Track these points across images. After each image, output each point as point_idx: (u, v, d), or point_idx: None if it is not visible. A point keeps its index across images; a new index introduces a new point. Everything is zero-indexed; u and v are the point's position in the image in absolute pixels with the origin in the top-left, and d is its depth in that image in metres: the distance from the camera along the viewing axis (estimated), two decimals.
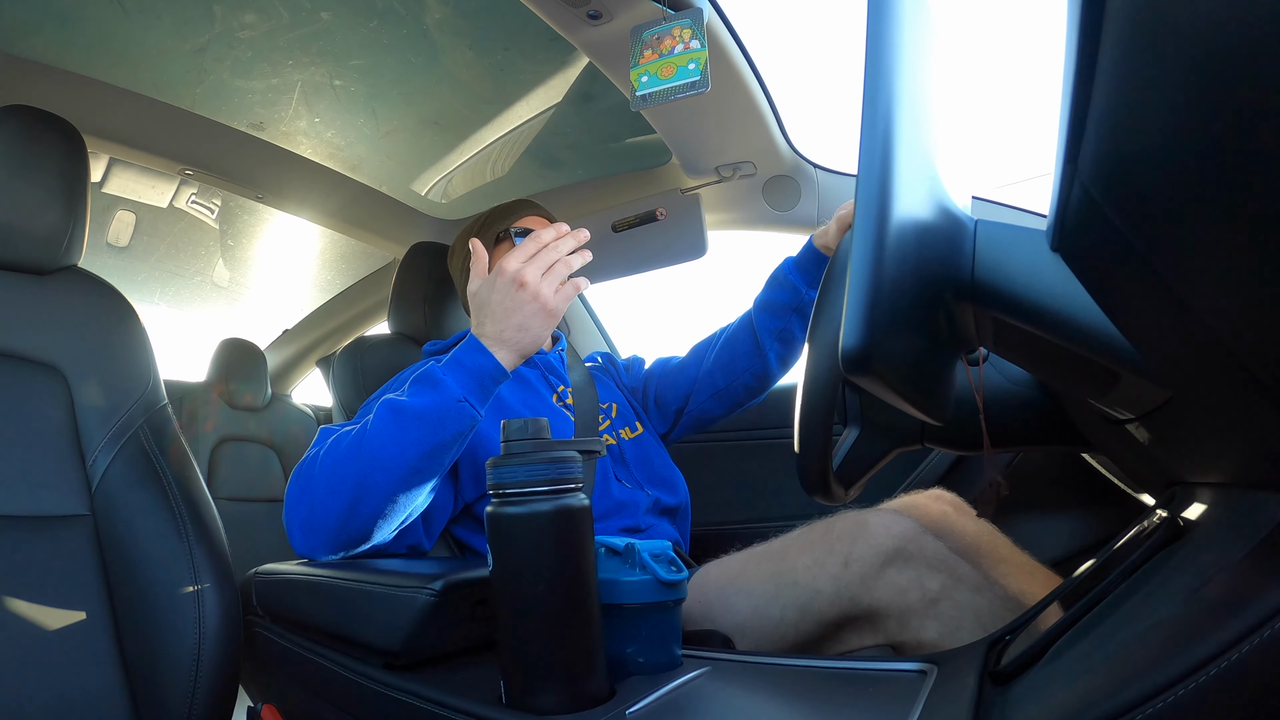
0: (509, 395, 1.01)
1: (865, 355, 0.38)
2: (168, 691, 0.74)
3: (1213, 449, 0.42)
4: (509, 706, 0.52)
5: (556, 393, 1.07)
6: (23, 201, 0.83)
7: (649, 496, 1.01)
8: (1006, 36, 28.80)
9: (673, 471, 1.11)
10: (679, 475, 1.11)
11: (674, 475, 1.10)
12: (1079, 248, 0.34)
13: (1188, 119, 0.22)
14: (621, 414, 1.12)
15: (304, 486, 0.77)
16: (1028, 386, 0.78)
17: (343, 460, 0.74)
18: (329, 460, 0.75)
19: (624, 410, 1.14)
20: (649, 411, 1.22)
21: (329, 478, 0.75)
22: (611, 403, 1.13)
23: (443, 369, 0.78)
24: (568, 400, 1.06)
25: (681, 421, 1.20)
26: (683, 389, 1.17)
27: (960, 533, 0.73)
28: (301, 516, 0.76)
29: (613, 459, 1.03)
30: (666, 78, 0.92)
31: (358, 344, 1.27)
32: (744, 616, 0.76)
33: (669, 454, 1.15)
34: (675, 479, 1.10)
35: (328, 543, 0.75)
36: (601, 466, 0.99)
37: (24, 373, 0.82)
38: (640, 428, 1.12)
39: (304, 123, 1.33)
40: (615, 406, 1.13)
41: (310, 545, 0.76)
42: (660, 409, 1.21)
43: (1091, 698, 0.32)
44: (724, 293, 1.88)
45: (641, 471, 1.06)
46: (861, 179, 0.39)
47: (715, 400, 1.15)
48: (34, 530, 0.76)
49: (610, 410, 1.11)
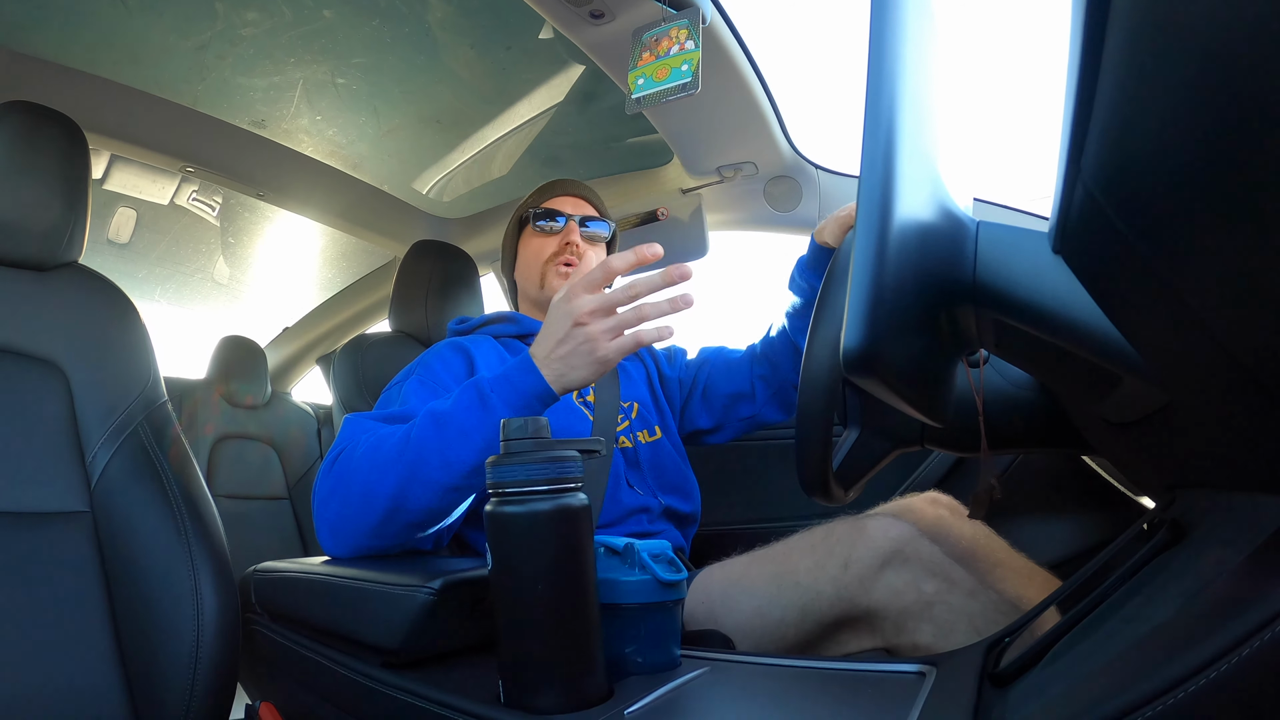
0: None
1: (866, 356, 0.38)
2: (166, 689, 0.74)
3: (1213, 452, 0.42)
4: (507, 706, 0.52)
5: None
6: (24, 198, 0.83)
7: (660, 503, 0.99)
8: (1007, 37, 28.60)
9: (686, 478, 1.07)
10: (693, 481, 1.08)
11: (688, 482, 1.07)
12: (1081, 250, 0.33)
13: (1191, 122, 0.22)
14: (642, 415, 1.08)
15: (335, 487, 0.74)
16: (1028, 389, 0.78)
17: (381, 469, 0.72)
18: (366, 465, 0.73)
19: (645, 411, 1.09)
20: (691, 403, 1.16)
21: (365, 485, 0.72)
22: (633, 402, 1.08)
23: (492, 385, 0.73)
24: (588, 398, 1.04)
25: (732, 421, 1.14)
26: (740, 384, 1.12)
27: (956, 537, 0.73)
28: (331, 518, 0.74)
29: (626, 462, 1.00)
30: (661, 79, 0.93)
31: (358, 342, 1.27)
32: (747, 617, 0.76)
33: (688, 459, 1.11)
34: (689, 486, 1.06)
35: (356, 547, 0.74)
36: (614, 470, 0.96)
37: (24, 369, 0.82)
38: (659, 432, 1.07)
39: (305, 120, 1.33)
40: (636, 406, 1.08)
41: (337, 547, 0.75)
42: (707, 402, 1.15)
43: (1091, 700, 0.32)
44: (723, 292, 1.88)
45: (655, 477, 1.02)
46: (863, 180, 0.39)
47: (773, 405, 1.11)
48: (33, 527, 0.76)
49: (630, 410, 1.07)
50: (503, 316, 1.10)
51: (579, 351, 0.71)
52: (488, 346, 1.01)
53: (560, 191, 1.13)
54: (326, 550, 0.77)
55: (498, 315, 1.10)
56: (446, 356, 0.97)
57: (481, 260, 1.72)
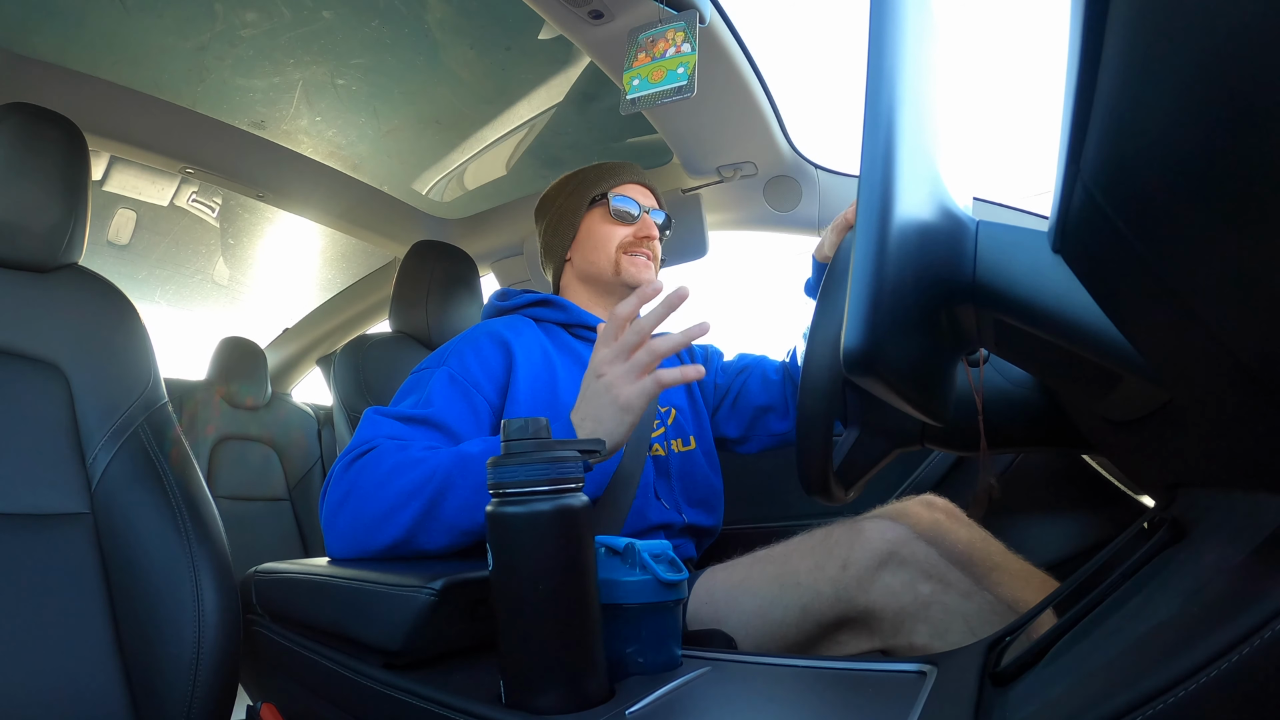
0: (565, 390, 0.93)
1: (867, 355, 0.38)
2: (167, 690, 0.74)
3: (1213, 451, 0.42)
4: (508, 706, 0.52)
5: None
6: (23, 199, 0.83)
7: (683, 520, 0.97)
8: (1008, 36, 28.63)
9: (714, 490, 1.04)
10: (719, 494, 1.05)
11: (714, 494, 1.04)
12: (1081, 249, 0.33)
13: (1190, 120, 0.22)
14: (679, 422, 1.04)
15: (347, 495, 0.74)
16: (1028, 388, 0.78)
17: (400, 499, 0.71)
18: (385, 490, 0.72)
19: (682, 418, 1.05)
20: (721, 410, 1.13)
21: (380, 510, 0.72)
22: (671, 408, 1.04)
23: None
24: None
25: (760, 435, 1.11)
26: (774, 398, 1.09)
27: (952, 539, 0.73)
28: (342, 527, 0.74)
29: (657, 471, 0.97)
30: (656, 81, 0.92)
31: (358, 343, 1.27)
32: (749, 617, 0.77)
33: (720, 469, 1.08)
34: (715, 499, 1.04)
35: (361, 558, 0.75)
36: (644, 480, 0.93)
37: (24, 371, 0.82)
38: (694, 442, 1.04)
39: (305, 121, 1.33)
40: (674, 413, 1.04)
41: (342, 553, 0.76)
42: (736, 411, 1.12)
43: (1092, 699, 0.32)
44: (724, 293, 1.88)
45: (683, 489, 0.99)
46: (863, 180, 0.39)
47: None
48: (34, 528, 0.76)
49: (668, 417, 1.03)
50: (550, 301, 1.04)
51: (602, 404, 0.72)
52: (530, 335, 0.97)
53: (635, 178, 1.10)
54: (329, 552, 0.77)
55: (546, 298, 1.05)
56: (484, 349, 0.92)
57: (481, 260, 1.72)
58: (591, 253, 1.06)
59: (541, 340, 0.97)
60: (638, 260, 1.05)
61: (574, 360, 0.99)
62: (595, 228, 1.07)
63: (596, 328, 1.01)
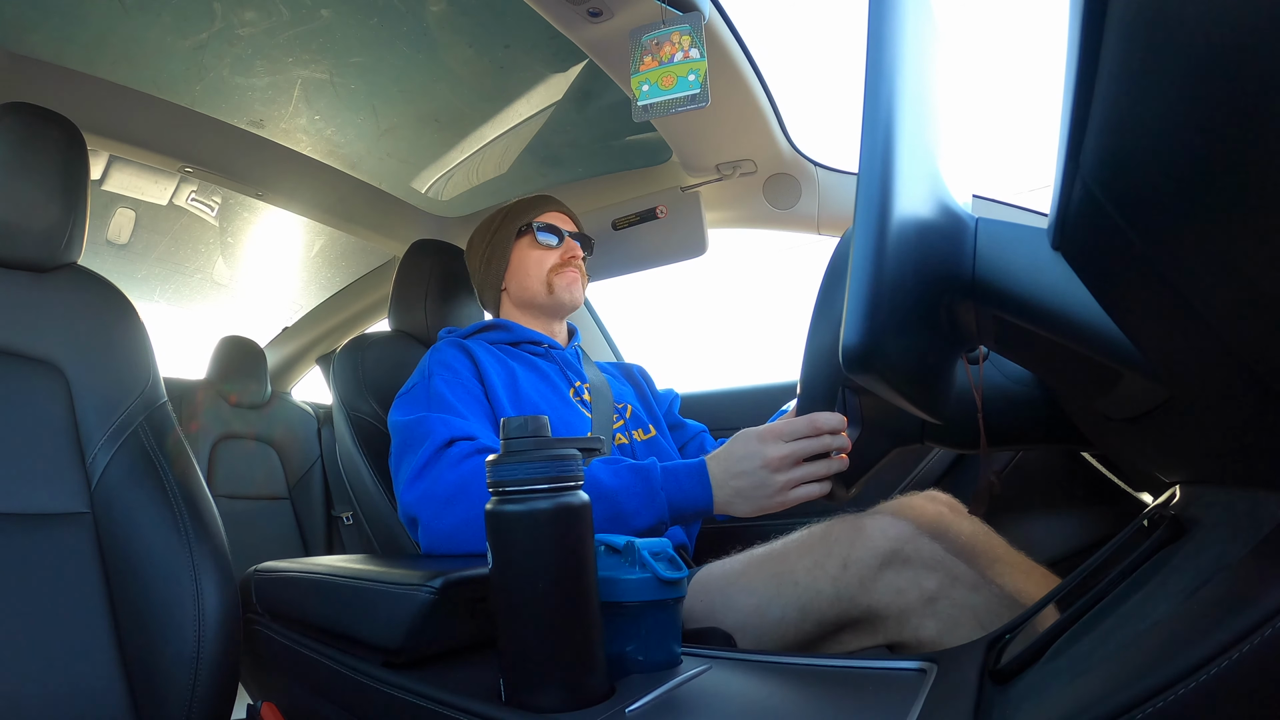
0: (528, 387, 1.02)
1: (866, 353, 0.38)
2: (167, 689, 0.74)
3: (1213, 448, 0.42)
4: (508, 704, 0.52)
5: (574, 388, 1.09)
6: (22, 199, 0.83)
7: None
8: (1008, 35, 28.61)
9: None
10: None
11: None
12: (1080, 246, 0.33)
13: (1189, 117, 0.22)
14: (636, 415, 1.13)
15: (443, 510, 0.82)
16: (1028, 385, 0.78)
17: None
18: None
19: (639, 412, 1.15)
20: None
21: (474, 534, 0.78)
22: (626, 404, 1.14)
23: (663, 481, 0.80)
24: (584, 396, 1.08)
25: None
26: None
27: (956, 533, 0.73)
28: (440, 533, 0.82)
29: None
30: (667, 88, 0.93)
31: (358, 341, 1.26)
32: (746, 615, 0.76)
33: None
34: None
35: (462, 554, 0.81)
36: None
37: (23, 370, 0.82)
38: (654, 430, 1.13)
39: (304, 120, 1.33)
40: (630, 408, 1.14)
41: (445, 548, 0.83)
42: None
43: (1092, 696, 0.32)
44: (724, 292, 1.88)
45: None
46: (863, 177, 0.39)
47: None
48: (33, 528, 0.76)
49: (625, 410, 1.12)
50: (496, 324, 1.15)
51: (757, 490, 0.77)
52: (484, 351, 1.06)
53: (554, 207, 1.22)
54: (428, 548, 0.85)
55: (490, 323, 1.16)
56: (452, 361, 1.02)
57: None
58: (524, 278, 1.17)
59: (496, 355, 1.08)
60: (566, 275, 1.16)
61: (528, 367, 1.09)
62: (525, 255, 1.18)
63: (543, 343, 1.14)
